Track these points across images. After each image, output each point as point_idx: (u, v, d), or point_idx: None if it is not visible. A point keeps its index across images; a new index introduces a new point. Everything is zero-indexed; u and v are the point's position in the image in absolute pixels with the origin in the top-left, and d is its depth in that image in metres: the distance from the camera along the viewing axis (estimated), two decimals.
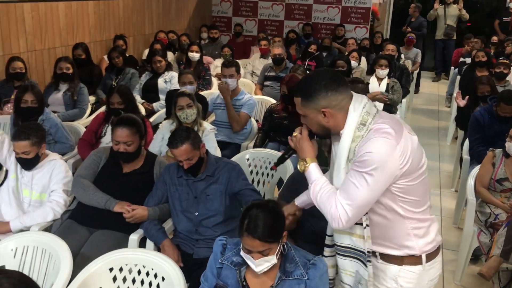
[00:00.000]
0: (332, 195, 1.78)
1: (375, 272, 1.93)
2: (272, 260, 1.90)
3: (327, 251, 2.06)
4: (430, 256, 1.90)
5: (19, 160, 2.94)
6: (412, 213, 1.82)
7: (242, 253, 1.94)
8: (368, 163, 1.69)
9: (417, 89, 9.35)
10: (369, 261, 1.85)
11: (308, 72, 5.41)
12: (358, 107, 1.77)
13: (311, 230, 2.55)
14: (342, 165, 1.80)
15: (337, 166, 1.83)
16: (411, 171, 1.75)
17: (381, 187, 1.73)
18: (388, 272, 1.90)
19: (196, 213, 2.74)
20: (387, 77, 5.41)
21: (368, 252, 1.84)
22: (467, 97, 5.07)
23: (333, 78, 1.79)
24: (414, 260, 1.87)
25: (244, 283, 1.98)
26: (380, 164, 1.68)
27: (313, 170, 1.88)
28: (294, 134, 1.97)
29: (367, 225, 1.83)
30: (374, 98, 5.04)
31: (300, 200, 2.33)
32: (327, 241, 2.04)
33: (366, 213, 1.83)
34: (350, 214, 1.74)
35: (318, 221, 2.38)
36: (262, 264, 1.89)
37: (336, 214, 1.75)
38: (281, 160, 2.12)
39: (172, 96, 4.33)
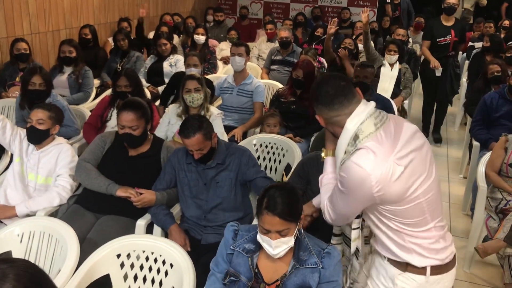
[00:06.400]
0: (328, 193, 1.90)
1: (378, 268, 1.93)
2: (289, 242, 1.87)
3: (334, 240, 2.14)
4: (437, 269, 1.82)
5: (30, 130, 2.91)
6: (407, 230, 1.78)
7: (258, 236, 1.90)
8: (342, 184, 1.75)
9: None
10: (355, 255, 1.98)
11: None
12: (354, 125, 1.72)
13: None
14: (337, 170, 1.84)
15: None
16: (393, 200, 1.70)
17: (357, 206, 1.79)
18: (389, 272, 1.88)
19: (206, 200, 2.71)
20: (398, 62, 5.32)
21: (357, 250, 1.96)
22: None
23: (329, 93, 1.75)
24: (417, 270, 1.82)
25: (256, 271, 1.95)
26: (352, 189, 1.72)
27: (327, 163, 1.98)
28: None
29: (357, 228, 1.91)
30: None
31: (317, 200, 2.28)
32: (335, 230, 2.12)
33: (359, 216, 1.89)
34: (333, 217, 1.88)
35: None
36: (279, 245, 1.85)
37: (325, 210, 1.91)
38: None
39: (177, 78, 4.30)
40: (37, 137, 2.94)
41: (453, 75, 5.56)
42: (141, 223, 2.70)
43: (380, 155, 1.66)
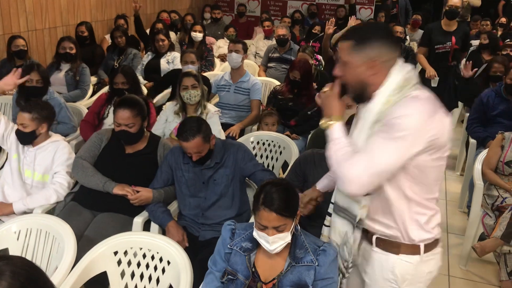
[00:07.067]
0: (352, 156, 1.64)
1: (372, 265, 1.88)
2: (286, 237, 1.86)
3: (328, 220, 2.03)
4: (429, 247, 1.81)
5: (17, 133, 2.92)
6: (418, 197, 1.75)
7: (255, 232, 1.89)
8: (400, 127, 1.56)
9: None
10: (357, 226, 1.79)
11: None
12: (401, 71, 1.70)
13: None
14: (366, 127, 1.70)
15: (359, 129, 1.76)
16: (435, 149, 1.65)
17: (408, 154, 1.60)
18: (385, 263, 1.83)
19: (205, 198, 2.71)
20: None
21: (360, 220, 1.78)
22: (475, 69, 4.69)
23: (390, 33, 1.78)
24: (411, 249, 1.79)
25: (253, 269, 1.95)
26: (413, 129, 1.57)
27: (337, 129, 1.76)
28: (324, 90, 1.86)
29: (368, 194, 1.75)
30: None
31: (321, 185, 2.24)
32: (330, 209, 1.99)
33: None
34: (367, 180, 1.61)
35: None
36: (276, 241, 1.85)
37: (352, 177, 1.62)
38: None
39: (172, 76, 4.29)
40: (25, 139, 2.94)
41: (453, 87, 4.89)
42: (138, 220, 2.70)
43: (433, 101, 1.66)
